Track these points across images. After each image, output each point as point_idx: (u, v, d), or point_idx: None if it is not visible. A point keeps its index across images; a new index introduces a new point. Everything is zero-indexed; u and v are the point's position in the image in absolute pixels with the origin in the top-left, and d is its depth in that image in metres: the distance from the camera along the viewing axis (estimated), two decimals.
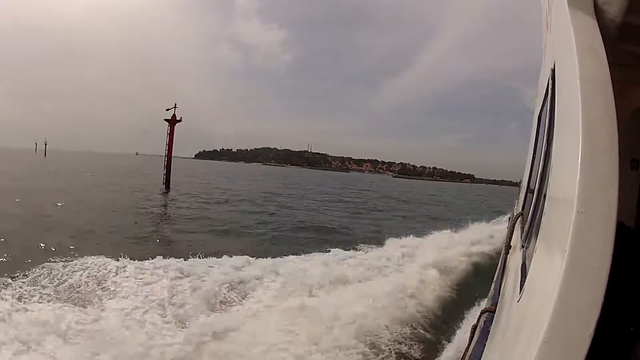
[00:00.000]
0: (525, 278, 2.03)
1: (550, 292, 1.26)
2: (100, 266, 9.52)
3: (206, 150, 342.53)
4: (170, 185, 36.35)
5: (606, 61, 1.63)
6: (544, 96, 2.88)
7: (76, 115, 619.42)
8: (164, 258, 10.37)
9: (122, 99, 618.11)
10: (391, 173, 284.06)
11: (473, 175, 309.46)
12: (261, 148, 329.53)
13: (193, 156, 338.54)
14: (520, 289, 2.02)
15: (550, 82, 2.49)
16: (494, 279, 4.17)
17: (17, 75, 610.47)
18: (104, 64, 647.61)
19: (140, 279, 8.94)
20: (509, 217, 9.07)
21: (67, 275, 8.99)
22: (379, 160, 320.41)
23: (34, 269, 9.14)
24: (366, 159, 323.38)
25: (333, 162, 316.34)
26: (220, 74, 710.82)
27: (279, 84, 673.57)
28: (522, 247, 2.82)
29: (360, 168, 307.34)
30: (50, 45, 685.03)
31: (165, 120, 36.60)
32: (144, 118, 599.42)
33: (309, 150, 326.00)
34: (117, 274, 9.16)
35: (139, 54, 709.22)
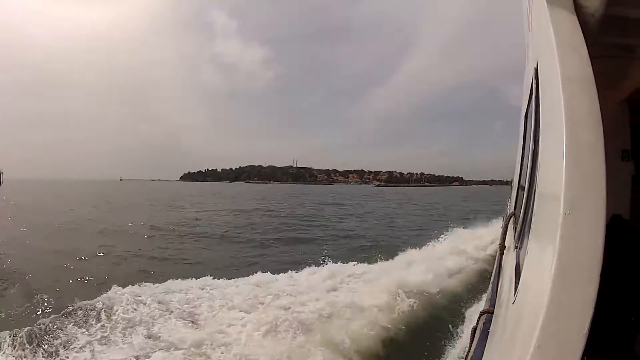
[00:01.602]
0: (519, 279, 2.05)
1: (543, 293, 1.27)
2: None
3: (190, 172, 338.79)
4: None
5: (588, 58, 1.67)
6: (529, 95, 2.96)
7: (61, 143, 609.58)
8: None
9: (108, 125, 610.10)
10: (377, 182, 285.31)
11: (462, 177, 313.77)
12: (246, 166, 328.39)
13: (178, 178, 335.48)
14: (515, 291, 2.04)
15: (534, 81, 2.55)
16: (491, 280, 4.21)
17: (2, 104, 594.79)
18: (90, 92, 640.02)
19: None
20: (503, 217, 9.22)
21: None
22: (365, 170, 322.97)
23: None
24: (352, 169, 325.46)
25: (319, 176, 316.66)
26: (204, 94, 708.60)
27: (263, 101, 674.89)
28: (516, 247, 2.83)
29: (346, 180, 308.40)
30: (35, 74, 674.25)
31: None
32: (128, 143, 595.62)
33: (294, 165, 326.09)
34: None
35: (123, 79, 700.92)
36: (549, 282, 1.25)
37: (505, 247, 3.64)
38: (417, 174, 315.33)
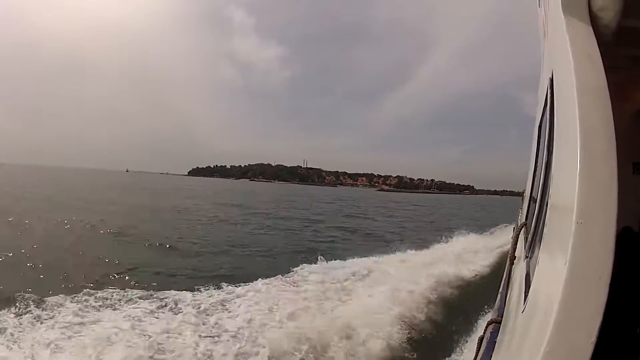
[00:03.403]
0: (529, 289, 2.08)
1: (553, 302, 1.31)
2: None
3: (199, 167, 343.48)
4: None
5: (603, 68, 1.71)
6: (543, 105, 2.99)
7: (75, 132, 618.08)
8: None
9: (121, 116, 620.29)
10: (386, 187, 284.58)
11: (473, 186, 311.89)
12: (255, 164, 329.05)
13: (186, 173, 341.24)
14: (525, 300, 2.08)
15: (549, 91, 2.58)
16: (500, 290, 4.24)
17: (19, 92, 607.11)
18: (105, 82, 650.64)
19: None
20: (514, 228, 9.23)
21: None
22: (375, 174, 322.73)
23: None
24: (362, 173, 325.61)
25: (327, 177, 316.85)
26: (219, 91, 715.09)
27: (277, 101, 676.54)
28: (526, 257, 2.88)
29: (355, 183, 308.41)
30: (51, 63, 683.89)
31: None
32: (136, 134, 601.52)
33: (303, 166, 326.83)
34: None
35: (138, 72, 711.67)
36: (559, 290, 1.29)
37: (515, 257, 3.68)
38: (427, 180, 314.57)
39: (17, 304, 8.28)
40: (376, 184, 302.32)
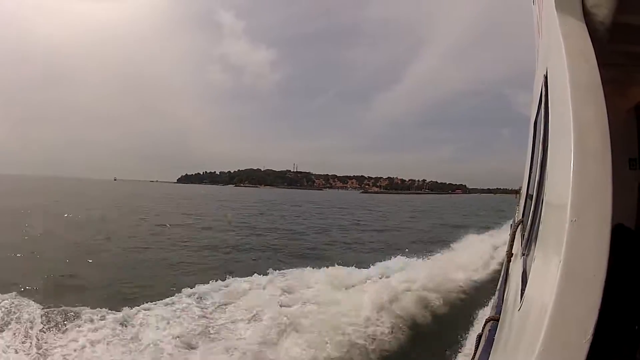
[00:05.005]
0: (526, 286, 2.12)
1: (548, 299, 1.34)
2: None
3: (188, 174, 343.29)
4: None
5: (596, 65, 1.76)
6: (538, 103, 3.06)
7: (65, 140, 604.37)
8: None
9: (109, 123, 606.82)
10: (376, 188, 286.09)
11: (465, 185, 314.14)
12: (244, 169, 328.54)
13: (175, 180, 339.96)
14: (521, 297, 2.12)
15: (543, 88, 2.63)
16: (498, 288, 4.32)
17: (5, 99, 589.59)
18: (93, 88, 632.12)
19: None
20: (511, 225, 9.38)
21: None
22: (365, 176, 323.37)
23: None
24: (352, 175, 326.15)
25: (317, 181, 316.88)
26: (209, 95, 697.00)
27: (268, 104, 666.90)
28: (523, 254, 2.93)
29: (344, 185, 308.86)
30: (38, 69, 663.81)
31: None
32: (124, 142, 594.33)
33: (292, 170, 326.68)
34: None
35: (128, 77, 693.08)
36: (554, 288, 1.33)
37: (512, 254, 3.75)
38: (418, 180, 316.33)
39: None
40: (366, 186, 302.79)
